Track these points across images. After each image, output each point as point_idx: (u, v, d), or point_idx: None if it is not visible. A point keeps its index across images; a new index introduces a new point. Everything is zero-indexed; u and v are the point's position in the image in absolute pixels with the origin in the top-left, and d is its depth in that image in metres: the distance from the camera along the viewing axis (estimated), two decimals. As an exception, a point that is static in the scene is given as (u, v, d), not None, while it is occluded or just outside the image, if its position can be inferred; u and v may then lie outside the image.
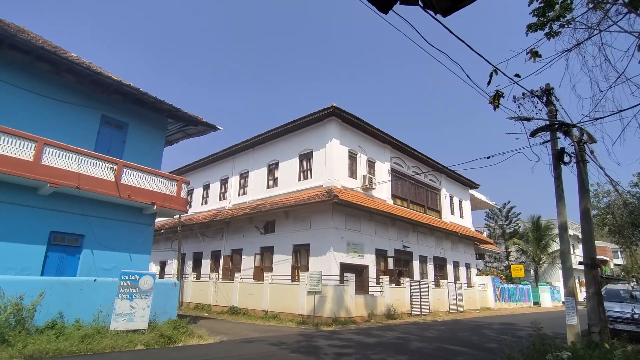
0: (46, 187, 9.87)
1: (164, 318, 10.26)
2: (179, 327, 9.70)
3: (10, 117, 10.25)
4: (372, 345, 9.37)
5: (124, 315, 9.04)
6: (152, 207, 12.19)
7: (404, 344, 9.75)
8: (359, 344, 9.60)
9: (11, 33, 10.02)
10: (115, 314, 8.92)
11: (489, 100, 6.83)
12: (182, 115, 13.97)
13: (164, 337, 8.98)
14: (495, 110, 6.99)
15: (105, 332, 8.56)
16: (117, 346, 8.16)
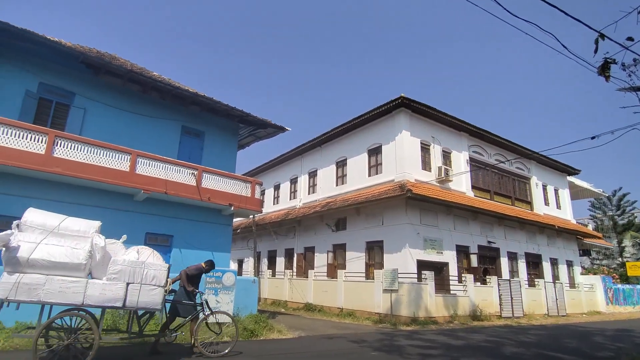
0: (140, 194, 11.62)
1: (245, 313, 11.34)
2: (260, 321, 10.59)
3: (107, 133, 12.27)
4: (458, 348, 9.17)
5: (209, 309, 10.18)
6: (230, 208, 13.52)
7: (496, 348, 9.37)
8: (444, 345, 9.46)
9: (107, 61, 12.01)
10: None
11: (597, 71, 6.27)
12: (251, 119, 15.23)
13: (247, 331, 9.84)
14: (608, 82, 6.37)
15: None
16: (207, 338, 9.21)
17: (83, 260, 5.77)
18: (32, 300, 5.46)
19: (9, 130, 9.64)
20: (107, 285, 5.96)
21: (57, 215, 6.22)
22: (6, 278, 5.38)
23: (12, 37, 10.61)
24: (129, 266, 6.20)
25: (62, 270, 5.67)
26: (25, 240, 5.54)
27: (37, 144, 9.98)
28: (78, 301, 5.72)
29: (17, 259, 5.39)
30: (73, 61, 11.76)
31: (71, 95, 12.16)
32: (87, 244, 5.97)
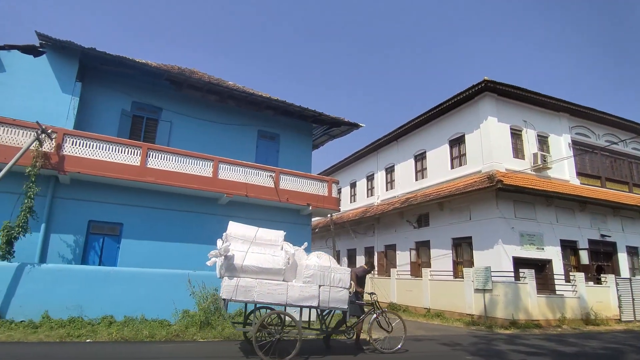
0: (223, 198, 12.25)
1: (329, 312, 11.27)
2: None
3: (191, 143, 13.16)
4: (571, 356, 8.19)
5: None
6: (308, 208, 13.64)
7: (617, 357, 8.17)
8: (553, 352, 8.49)
9: (187, 76, 12.90)
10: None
11: None
12: (324, 118, 15.22)
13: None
14: None
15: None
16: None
17: (283, 266, 6.75)
18: (248, 300, 6.60)
19: (110, 146, 10.83)
20: (303, 288, 6.87)
21: (250, 226, 7.42)
22: (227, 282, 6.46)
23: (108, 63, 11.94)
24: (320, 270, 7.05)
25: (266, 275, 6.68)
26: (237, 250, 6.62)
27: (133, 157, 11.05)
28: (283, 301, 6.70)
29: (234, 265, 6.49)
30: (158, 79, 12.85)
31: (159, 110, 13.32)
32: (282, 251, 6.97)
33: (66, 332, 7.89)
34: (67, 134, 10.44)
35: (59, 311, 8.63)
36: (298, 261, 7.07)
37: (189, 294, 9.63)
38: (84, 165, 10.31)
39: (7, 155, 9.30)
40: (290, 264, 6.87)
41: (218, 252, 6.62)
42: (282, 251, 7.02)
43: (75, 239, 10.46)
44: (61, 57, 11.36)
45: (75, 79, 11.46)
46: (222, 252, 6.44)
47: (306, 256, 7.47)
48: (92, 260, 10.71)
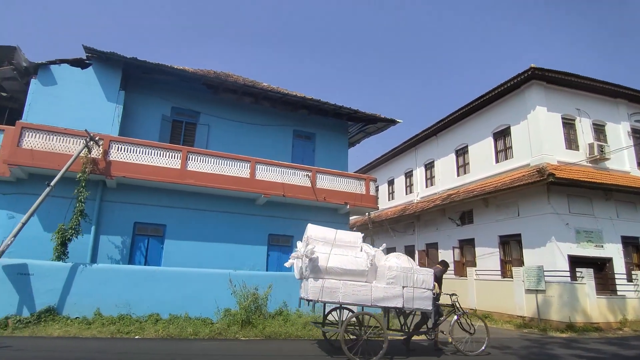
0: (261, 198, 12.44)
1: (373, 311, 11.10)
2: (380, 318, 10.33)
3: (229, 145, 13.50)
4: None
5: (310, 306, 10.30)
6: (345, 206, 13.56)
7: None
8: (614, 356, 7.95)
9: (223, 80, 13.23)
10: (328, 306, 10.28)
11: None
12: (360, 115, 15.09)
13: (372, 328, 9.76)
14: None
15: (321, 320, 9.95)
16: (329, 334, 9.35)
17: (365, 268, 6.88)
18: (333, 301, 6.73)
19: (152, 150, 11.31)
20: (387, 289, 6.93)
21: (329, 229, 7.63)
22: (313, 283, 6.64)
23: (149, 71, 12.47)
24: (402, 272, 7.08)
25: (350, 276, 6.81)
26: (320, 252, 6.78)
27: (174, 160, 11.47)
28: (367, 302, 6.83)
29: (319, 267, 6.66)
30: (196, 84, 13.26)
31: (197, 114, 13.75)
32: (363, 253, 7.13)
33: (116, 329, 8.34)
34: (113, 140, 11.02)
35: (109, 308, 9.13)
36: (377, 262, 7.14)
37: (230, 293, 9.85)
38: (129, 169, 10.84)
39: (60, 162, 9.94)
40: (371, 265, 6.96)
41: (300, 254, 6.84)
42: (363, 253, 7.15)
43: (122, 240, 11.03)
44: (106, 68, 12.02)
45: (119, 87, 12.08)
46: (307, 255, 6.58)
47: (384, 257, 7.54)
48: (138, 260, 11.23)
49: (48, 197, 9.36)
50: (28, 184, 10.34)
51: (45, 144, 10.25)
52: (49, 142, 10.30)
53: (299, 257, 6.97)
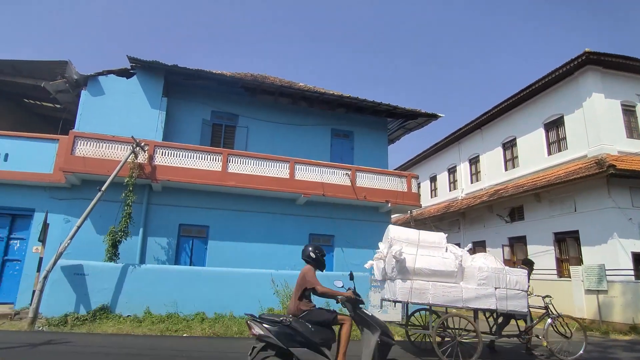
0: (301, 198, 12.51)
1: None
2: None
3: (268, 146, 13.71)
4: None
5: (378, 307, 10.17)
6: (387, 205, 13.34)
7: None
8: None
9: (260, 82, 13.46)
10: (371, 306, 10.15)
11: None
12: (400, 111, 14.81)
13: (418, 330, 9.50)
14: None
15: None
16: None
17: (454, 268, 6.85)
18: (422, 302, 6.71)
19: (194, 154, 11.70)
20: (479, 290, 6.81)
21: (411, 229, 7.57)
22: (401, 284, 6.66)
23: (189, 77, 12.94)
24: (494, 272, 6.97)
25: (438, 277, 6.79)
26: (407, 253, 6.79)
27: (215, 163, 11.80)
28: (459, 304, 6.74)
29: (407, 268, 6.69)
30: (234, 87, 13.58)
31: (235, 117, 14.09)
32: (449, 253, 7.09)
33: (165, 327, 8.68)
34: (157, 145, 11.51)
35: (158, 307, 9.51)
36: (463, 263, 7.08)
37: (272, 293, 9.98)
38: (173, 173, 11.27)
39: (110, 168, 10.50)
40: (460, 266, 6.91)
41: (383, 255, 6.92)
42: (449, 253, 7.11)
43: (168, 242, 11.49)
44: (149, 76, 12.59)
45: (161, 94, 12.61)
46: (396, 256, 6.58)
47: (471, 257, 7.44)
48: (184, 260, 11.64)
49: (99, 202, 9.91)
50: (81, 189, 11.02)
51: (95, 151, 10.88)
52: (99, 150, 10.93)
53: (382, 258, 7.03)
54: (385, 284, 7.42)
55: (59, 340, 7.31)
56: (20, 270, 10.41)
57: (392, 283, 6.89)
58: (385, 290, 7.44)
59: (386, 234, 7.54)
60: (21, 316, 9.00)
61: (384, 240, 7.44)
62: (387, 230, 7.54)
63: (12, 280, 10.36)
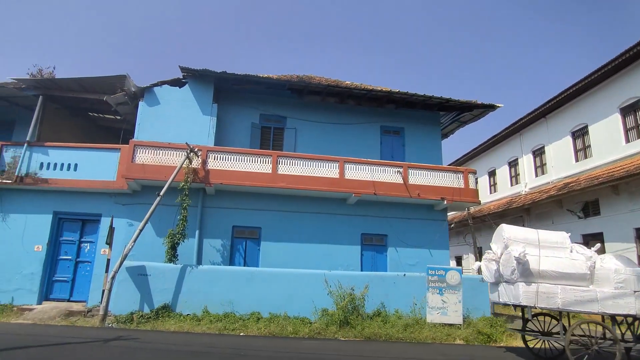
0: (352, 197, 12.48)
1: (477, 315, 10.45)
2: (497, 325, 9.61)
3: (316, 146, 13.85)
4: None
5: (437, 309, 9.89)
6: (442, 202, 12.92)
7: None
8: None
9: (307, 82, 13.64)
10: (429, 307, 9.91)
11: None
12: (453, 104, 14.32)
13: (482, 335, 9.13)
14: None
15: (422, 323, 9.66)
16: (437, 338, 8.99)
17: (587, 270, 6.58)
18: (551, 307, 6.48)
19: (245, 157, 12.13)
20: (616, 294, 6.47)
21: (527, 228, 7.62)
22: (525, 288, 6.45)
23: (238, 82, 13.45)
24: (633, 274, 6.58)
25: (567, 280, 6.54)
26: (531, 254, 6.61)
27: (265, 165, 12.14)
28: (594, 309, 6.46)
29: (530, 270, 6.50)
30: (280, 89, 13.89)
31: (283, 119, 14.41)
32: (578, 254, 6.83)
33: (223, 326, 9.07)
34: (210, 150, 12.06)
35: (215, 306, 9.97)
36: (595, 264, 6.79)
37: (326, 293, 10.04)
38: (225, 176, 11.76)
39: (166, 173, 11.18)
40: (592, 267, 6.61)
41: (497, 257, 6.79)
42: (577, 254, 6.84)
43: (222, 243, 11.97)
44: (199, 84, 13.24)
45: (212, 101, 13.21)
46: (519, 258, 6.39)
47: (600, 258, 7.08)
48: (238, 261, 12.06)
49: (158, 206, 10.61)
50: (142, 194, 11.80)
51: (153, 158, 11.63)
52: (156, 157, 11.67)
53: (495, 260, 6.85)
54: (499, 286, 7.13)
55: (127, 337, 7.91)
56: (90, 271, 11.40)
57: (511, 286, 6.61)
58: (499, 293, 7.15)
59: (498, 233, 7.27)
60: (93, 313, 9.88)
61: (496, 240, 7.23)
62: (500, 229, 7.28)
63: (84, 280, 11.39)
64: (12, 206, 11.59)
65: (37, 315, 9.77)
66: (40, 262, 11.19)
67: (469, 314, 10.41)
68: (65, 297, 11.24)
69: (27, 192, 11.72)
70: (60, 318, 9.65)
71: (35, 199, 11.65)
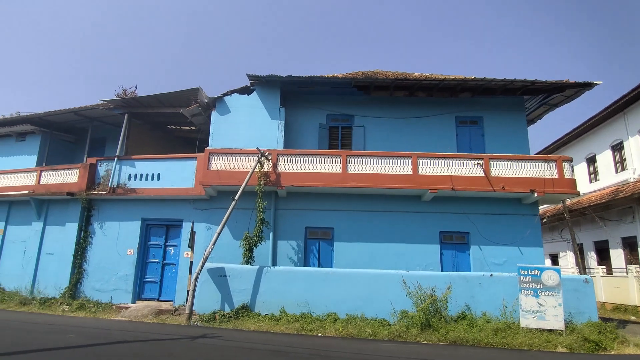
0: (427, 194, 12.09)
1: (581, 319, 9.49)
2: (606, 331, 8.64)
3: (386, 143, 13.74)
4: None
5: (533, 313, 9.14)
6: (532, 195, 11.97)
7: None
8: None
9: (373, 78, 13.58)
10: (523, 311, 9.19)
11: None
12: (539, 86, 13.32)
13: (588, 342, 8.26)
14: None
15: (516, 328, 8.98)
16: (534, 345, 8.29)
17: None
18: None
19: (314, 158, 12.40)
20: None
21: None
22: None
23: (303, 85, 13.85)
24: None
25: None
26: None
27: (335, 165, 12.28)
28: None
29: None
30: (346, 88, 14.01)
31: (351, 118, 14.47)
32: None
33: (300, 326, 9.33)
34: (280, 153, 12.53)
35: (292, 307, 10.29)
36: None
37: (404, 294, 9.85)
38: (296, 178, 12.12)
39: (240, 178, 11.83)
40: None
41: None
42: None
43: (296, 244, 12.31)
44: (266, 90, 13.85)
45: (279, 105, 13.75)
46: None
47: None
48: (312, 262, 12.30)
49: (234, 210, 11.27)
50: (218, 199, 12.63)
51: (227, 164, 12.40)
52: (230, 163, 12.42)
53: None
54: None
55: (212, 335, 8.50)
56: (175, 272, 12.54)
57: None
58: None
59: None
60: (179, 312, 10.82)
61: None
62: None
63: (170, 281, 12.57)
64: (106, 214, 13.27)
65: (132, 313, 11.00)
66: (132, 264, 12.61)
67: (571, 318, 9.50)
68: (155, 296, 12.50)
69: (118, 202, 13.26)
70: (151, 316, 10.74)
71: (126, 208, 13.16)
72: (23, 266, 13.78)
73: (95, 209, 13.45)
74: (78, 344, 7.16)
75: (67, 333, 8.24)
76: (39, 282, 13.40)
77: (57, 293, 12.71)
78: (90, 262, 12.95)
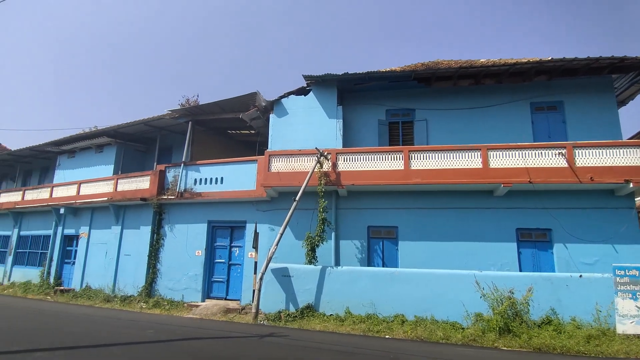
0: (500, 188, 11.35)
1: (694, 326, 8.28)
2: None
3: (452, 136, 13.18)
4: None
5: (631, 317, 8.24)
6: (627, 185, 10.78)
7: None
8: None
9: (435, 69, 13.08)
10: (619, 315, 8.31)
11: None
12: (630, 63, 11.97)
13: None
14: None
15: (611, 334, 8.14)
16: (632, 352, 7.48)
17: None
18: None
19: (374, 156, 12.21)
20: None
21: None
22: None
23: (360, 81, 13.73)
24: None
25: None
26: None
27: (396, 162, 12.00)
28: None
29: None
30: (405, 81, 13.63)
31: (412, 111, 14.08)
32: None
33: (366, 327, 9.23)
34: (339, 152, 12.52)
35: (356, 307, 10.19)
36: None
37: (478, 296, 9.32)
38: (356, 177, 12.02)
39: (300, 179, 12.02)
40: None
41: None
42: None
43: (359, 244, 12.19)
44: (323, 89, 13.96)
45: (336, 104, 13.78)
46: None
47: None
48: (376, 262, 12.10)
49: (295, 210, 11.44)
50: (279, 200, 12.96)
51: (286, 165, 12.68)
52: (289, 164, 12.68)
53: None
54: None
55: (279, 334, 8.69)
56: (241, 272, 13.09)
57: None
58: None
59: None
60: (246, 311, 11.29)
61: None
62: None
63: (236, 281, 13.15)
64: (176, 217, 14.28)
65: (202, 311, 11.68)
66: (201, 265, 13.41)
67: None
68: (222, 295, 13.17)
69: (186, 205, 14.15)
70: (220, 314, 11.34)
71: (193, 211, 14.02)
72: (105, 266, 15.28)
73: (165, 213, 14.53)
74: (160, 339, 7.82)
75: (147, 329, 8.94)
76: (119, 281, 14.79)
77: (135, 291, 13.99)
78: (163, 263, 14.04)
